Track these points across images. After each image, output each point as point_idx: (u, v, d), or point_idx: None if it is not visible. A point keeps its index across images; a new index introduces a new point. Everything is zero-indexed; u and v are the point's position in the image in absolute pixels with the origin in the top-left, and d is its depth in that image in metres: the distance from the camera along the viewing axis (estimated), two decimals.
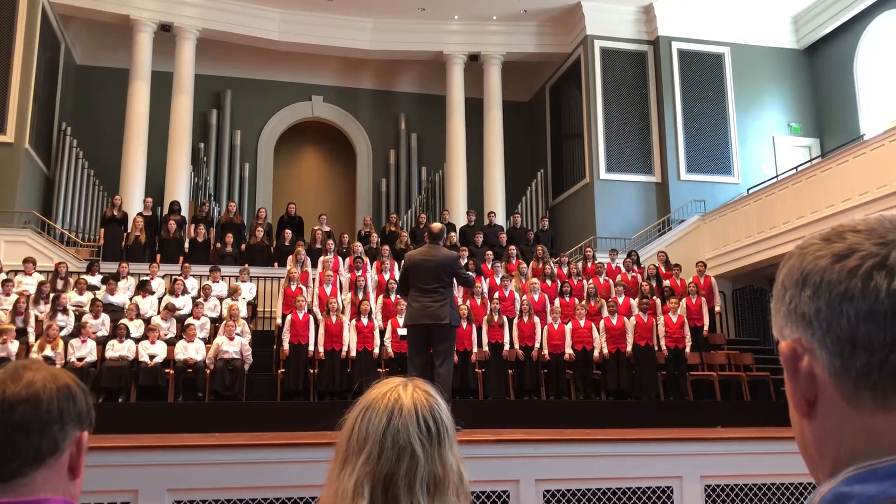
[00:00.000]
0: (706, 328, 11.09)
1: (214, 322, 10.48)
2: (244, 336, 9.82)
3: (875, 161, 10.32)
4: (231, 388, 9.28)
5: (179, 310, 10.59)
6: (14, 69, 13.06)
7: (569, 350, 10.25)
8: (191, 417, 8.24)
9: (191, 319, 10.14)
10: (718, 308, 11.78)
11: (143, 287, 10.82)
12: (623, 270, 12.13)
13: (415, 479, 1.15)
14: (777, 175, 14.11)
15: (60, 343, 9.17)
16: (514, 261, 12.22)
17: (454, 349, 6.29)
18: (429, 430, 1.18)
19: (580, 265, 12.36)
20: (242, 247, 12.80)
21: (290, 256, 11.80)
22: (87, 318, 9.75)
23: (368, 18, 15.87)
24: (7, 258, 11.34)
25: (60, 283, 10.75)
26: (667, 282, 11.72)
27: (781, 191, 12.16)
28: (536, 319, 10.40)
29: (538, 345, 10.25)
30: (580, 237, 14.81)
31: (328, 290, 10.60)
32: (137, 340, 9.59)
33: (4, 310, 9.82)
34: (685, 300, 11.07)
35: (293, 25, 15.60)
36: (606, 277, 11.82)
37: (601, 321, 10.53)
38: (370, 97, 17.63)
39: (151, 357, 9.36)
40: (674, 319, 10.53)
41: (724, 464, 4.99)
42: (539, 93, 17.91)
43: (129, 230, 12.56)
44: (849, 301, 0.66)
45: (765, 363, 10.96)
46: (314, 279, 11.18)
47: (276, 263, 12.37)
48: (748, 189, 14.17)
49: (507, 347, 10.21)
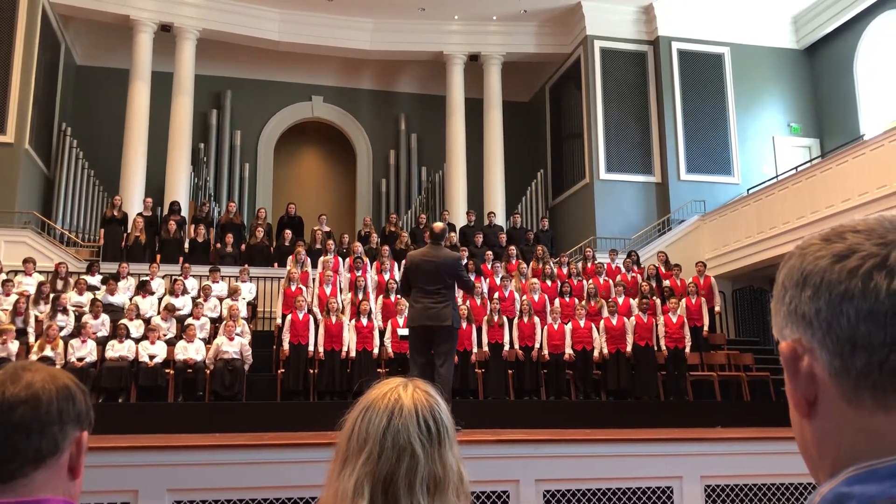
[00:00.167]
0: (706, 328, 11.09)
1: (214, 322, 10.48)
2: (244, 336, 9.82)
3: (875, 161, 10.32)
4: (231, 389, 9.28)
5: (179, 310, 10.59)
6: (14, 69, 13.06)
7: (569, 350, 10.25)
8: (191, 418, 8.24)
9: (191, 320, 10.14)
10: (718, 308, 11.78)
11: (143, 287, 10.82)
12: (623, 271, 12.14)
13: (415, 480, 1.15)
14: (777, 175, 14.11)
15: (60, 343, 9.17)
16: (514, 261, 12.22)
17: (455, 350, 6.30)
18: (429, 431, 1.18)
19: (580, 265, 12.36)
20: (242, 247, 12.80)
21: (290, 257, 11.80)
22: (87, 319, 9.75)
23: (368, 19, 15.87)
24: (7, 258, 11.34)
25: (60, 284, 10.75)
26: (667, 282, 11.73)
27: (781, 191, 12.16)
28: (536, 319, 10.40)
29: (538, 345, 10.25)
30: (580, 237, 14.81)
31: (328, 291, 10.60)
32: (137, 341, 9.59)
33: (4, 310, 9.82)
34: (685, 300, 11.07)
35: (293, 26, 15.60)
36: (606, 278, 11.82)
37: (601, 321, 10.53)
38: (370, 97, 17.63)
39: (151, 357, 9.36)
40: (674, 320, 10.53)
41: (724, 464, 4.99)
42: (539, 93, 17.91)
43: (129, 230, 12.56)
44: (849, 301, 0.66)
45: (765, 363, 10.96)
46: (314, 279, 11.19)
47: (276, 264, 12.37)
48: (748, 189, 14.17)
49: (507, 347, 10.21)
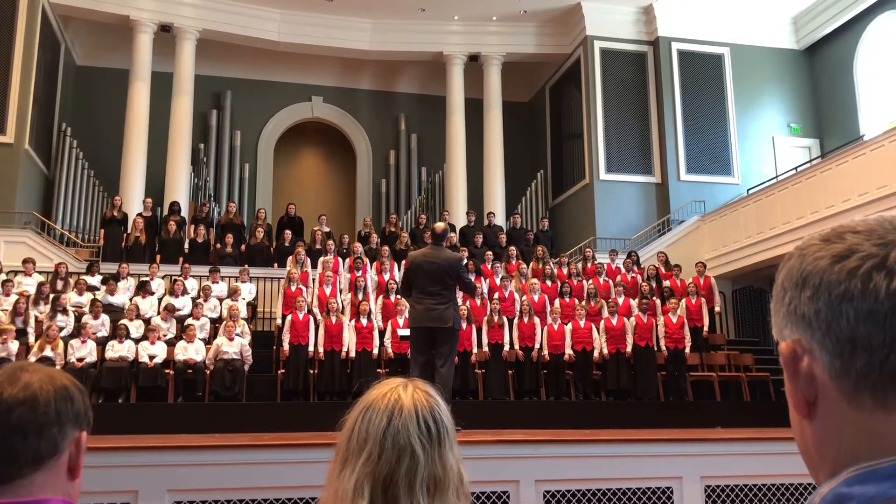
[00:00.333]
0: (706, 329, 11.09)
1: (214, 322, 10.48)
2: (244, 337, 9.82)
3: (875, 162, 10.32)
4: (231, 389, 9.28)
5: (179, 310, 10.59)
6: (14, 70, 13.06)
7: (569, 350, 10.25)
8: (191, 418, 8.24)
9: (191, 320, 10.14)
10: (718, 308, 11.78)
11: (143, 288, 10.82)
12: (623, 271, 12.14)
13: (415, 480, 1.15)
14: (777, 175, 14.10)
15: (60, 343, 9.17)
16: (514, 261, 12.22)
17: (456, 351, 6.30)
18: (429, 431, 1.18)
19: (580, 266, 12.36)
20: (242, 247, 12.80)
21: (290, 257, 11.81)
22: (87, 319, 9.75)
23: (368, 19, 15.87)
24: (7, 259, 11.34)
25: (60, 284, 10.75)
26: (667, 282, 11.72)
27: (781, 191, 12.16)
28: (536, 320, 10.40)
29: (538, 345, 10.25)
30: (580, 238, 14.81)
31: (328, 291, 10.60)
32: (137, 341, 9.59)
33: (4, 310, 9.82)
34: (685, 301, 11.07)
35: (293, 26, 15.60)
36: (606, 278, 11.83)
37: (601, 322, 10.53)
38: (370, 98, 17.63)
39: (151, 358, 9.36)
40: (674, 320, 10.53)
41: (724, 464, 4.99)
42: (539, 93, 17.91)
43: (129, 231, 12.56)
44: (848, 302, 0.66)
45: (764, 364, 10.96)
46: (314, 280, 11.19)
47: (276, 264, 12.37)
48: (748, 189, 14.17)
49: (507, 348, 10.21)
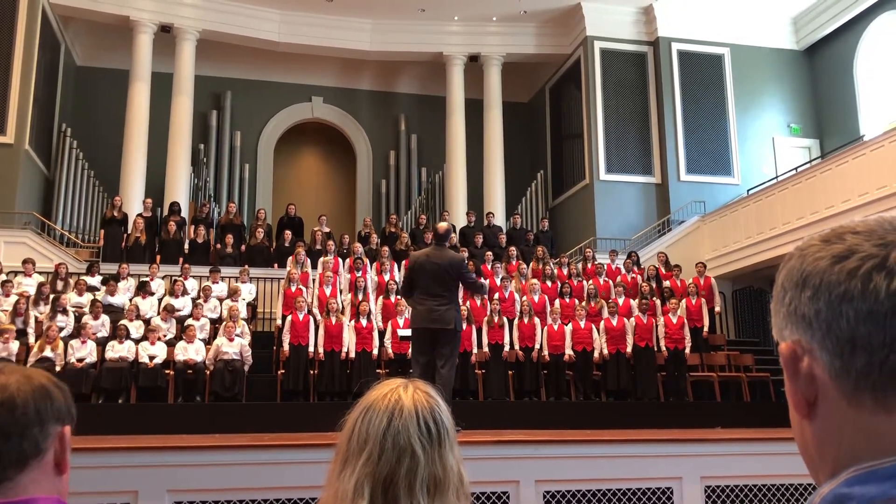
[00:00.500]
0: (706, 329, 11.09)
1: (214, 323, 10.48)
2: (244, 337, 9.82)
3: (875, 162, 10.32)
4: (231, 389, 9.28)
5: (179, 311, 10.59)
6: (14, 70, 13.06)
7: (569, 351, 10.25)
8: (191, 418, 8.24)
9: (190, 320, 10.14)
10: (718, 309, 11.78)
11: (143, 288, 10.82)
12: (623, 271, 12.14)
13: (415, 481, 1.15)
14: (777, 176, 14.11)
15: (60, 344, 9.17)
16: (514, 262, 12.22)
17: (457, 352, 6.28)
18: (429, 432, 1.18)
19: (580, 266, 12.36)
20: (242, 248, 12.80)
21: (290, 257, 11.80)
22: (87, 319, 9.75)
23: (368, 19, 15.87)
24: (7, 259, 11.34)
25: (60, 284, 10.75)
26: (667, 283, 11.73)
27: (781, 192, 12.16)
28: (536, 320, 10.40)
29: (538, 346, 10.25)
30: (580, 238, 14.81)
31: (328, 291, 10.60)
32: (137, 341, 9.59)
33: (4, 311, 9.82)
34: (685, 301, 11.07)
35: (293, 26, 15.60)
36: (606, 278, 11.83)
37: (601, 322, 10.53)
38: (370, 98, 17.63)
39: (151, 358, 9.36)
40: (674, 320, 10.53)
41: (724, 464, 4.99)
42: (539, 93, 17.91)
43: (130, 231, 12.56)
44: (848, 302, 0.66)
45: (765, 364, 10.96)
46: (314, 280, 11.19)
47: (276, 264, 12.37)
48: (748, 190, 14.17)
49: (507, 348, 10.21)
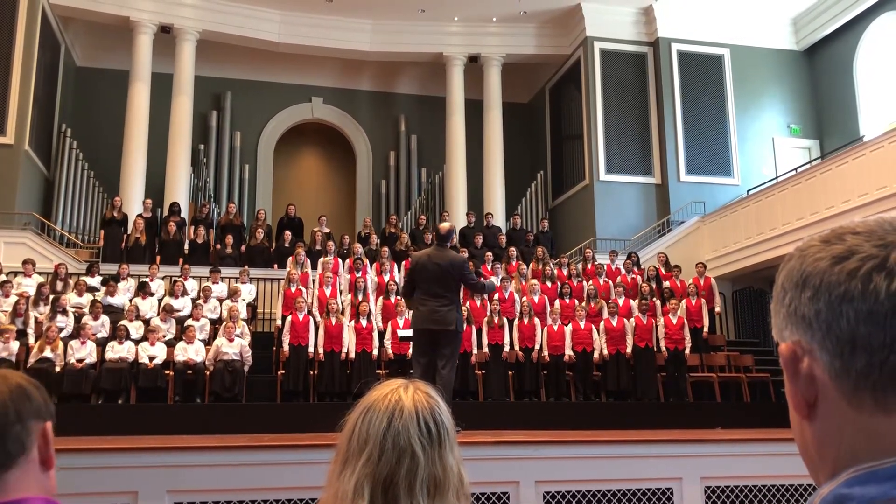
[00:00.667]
0: (706, 329, 11.09)
1: (214, 323, 10.48)
2: (244, 337, 9.82)
3: (874, 162, 10.32)
4: (231, 390, 9.28)
5: (179, 311, 10.59)
6: (14, 71, 13.06)
7: (569, 351, 10.25)
8: (190, 419, 8.24)
9: (190, 321, 10.14)
10: (718, 309, 11.78)
11: (143, 289, 10.82)
12: (623, 272, 12.14)
13: (415, 481, 1.15)
14: (777, 176, 14.11)
15: (60, 344, 9.17)
16: (514, 262, 12.22)
17: (458, 352, 6.27)
18: (429, 432, 1.18)
19: (580, 266, 12.36)
20: (242, 248, 12.80)
21: (290, 258, 11.80)
22: (87, 320, 9.75)
23: (368, 20, 15.88)
24: (7, 260, 11.34)
25: (60, 285, 10.74)
26: (667, 283, 11.72)
27: (781, 192, 12.16)
28: (536, 321, 10.40)
29: (538, 346, 10.25)
30: (580, 238, 14.81)
31: (328, 292, 10.60)
32: (137, 342, 9.58)
33: (4, 311, 9.82)
34: (685, 301, 11.07)
35: (293, 27, 15.60)
36: (606, 279, 11.83)
37: (601, 322, 10.53)
38: (370, 98, 17.64)
39: (151, 358, 9.36)
40: (674, 321, 10.53)
41: (724, 465, 4.99)
42: (539, 94, 17.91)
43: (129, 232, 12.56)
44: (848, 302, 0.66)
45: (765, 364, 10.96)
46: (314, 280, 11.19)
47: (276, 265, 12.37)
48: (748, 190, 14.17)
49: (507, 349, 10.21)
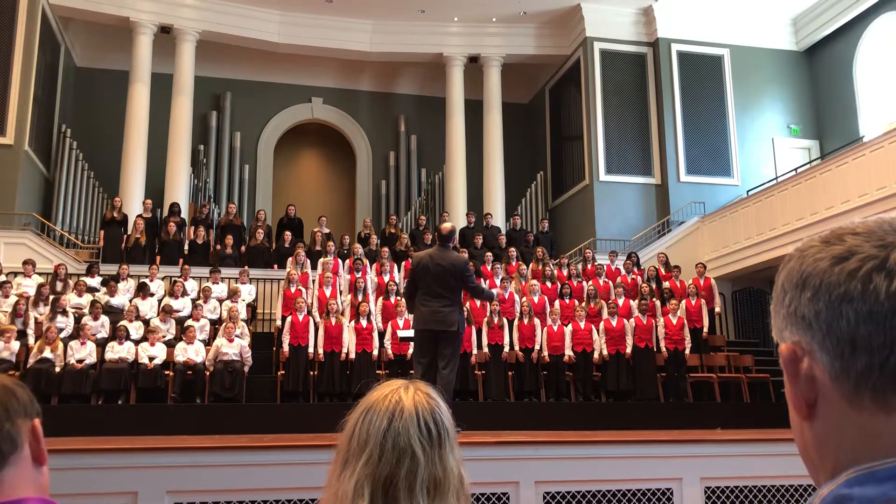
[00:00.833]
0: (706, 330, 11.09)
1: (214, 324, 10.48)
2: (243, 338, 9.82)
3: (874, 163, 10.32)
4: (231, 390, 9.28)
5: (178, 311, 10.59)
6: (14, 71, 13.06)
7: (569, 352, 10.25)
8: (190, 419, 8.24)
9: (190, 321, 10.14)
10: (718, 309, 11.78)
11: (143, 289, 10.82)
12: (623, 272, 12.14)
13: (415, 482, 1.15)
14: (777, 177, 14.11)
15: (60, 345, 9.16)
16: (514, 262, 12.22)
17: (459, 353, 6.26)
18: (429, 433, 1.18)
19: (580, 267, 12.36)
20: (242, 248, 12.80)
21: (290, 258, 11.80)
22: (87, 320, 9.74)
23: (368, 20, 15.88)
24: (7, 260, 11.34)
25: (60, 285, 10.75)
26: (666, 283, 11.72)
27: (781, 192, 12.16)
28: (536, 321, 10.40)
29: (538, 346, 10.25)
30: (580, 239, 14.81)
31: (328, 292, 10.60)
32: (137, 342, 9.58)
33: (4, 312, 9.82)
34: (685, 302, 11.07)
35: (293, 27, 15.61)
36: (606, 279, 11.83)
37: (601, 323, 10.53)
38: (370, 99, 17.64)
39: (151, 359, 9.36)
40: (673, 321, 10.53)
41: (724, 465, 4.99)
42: (539, 94, 17.92)
43: (129, 232, 12.56)
44: (849, 303, 0.66)
45: (765, 365, 10.96)
46: (314, 281, 11.19)
47: (276, 265, 12.38)
48: (748, 191, 14.18)
49: (507, 349, 10.21)
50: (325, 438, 4.48)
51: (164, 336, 9.90)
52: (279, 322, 10.44)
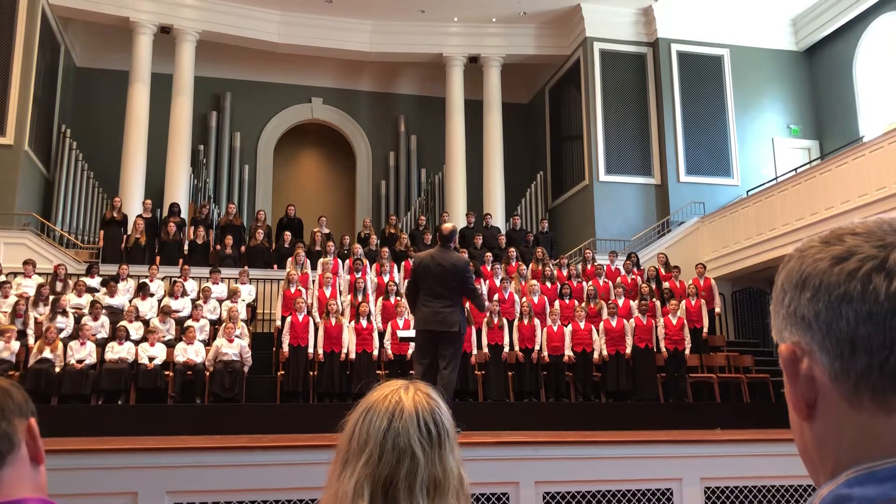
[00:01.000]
0: (706, 330, 11.09)
1: (214, 324, 10.47)
2: (243, 338, 9.82)
3: (874, 163, 10.32)
4: (230, 391, 9.28)
5: (178, 312, 10.59)
6: (14, 71, 13.06)
7: (568, 352, 10.25)
8: (190, 420, 8.24)
9: (190, 321, 10.14)
10: (718, 310, 11.79)
11: (143, 289, 10.82)
12: (623, 272, 12.14)
13: (415, 482, 1.15)
14: (776, 177, 14.11)
15: (60, 345, 9.16)
16: (514, 263, 12.22)
17: (460, 353, 6.25)
18: (429, 433, 1.18)
19: (580, 267, 12.36)
20: (242, 249, 12.80)
21: (290, 258, 11.80)
22: (87, 321, 9.74)
23: (368, 20, 15.88)
24: (7, 260, 11.34)
25: (59, 286, 10.74)
26: (666, 283, 11.73)
27: (781, 193, 12.16)
28: (536, 321, 10.40)
29: (538, 347, 10.25)
30: (580, 239, 14.81)
31: (328, 293, 10.61)
32: (137, 343, 9.58)
33: (4, 312, 9.82)
34: (685, 302, 11.07)
35: (293, 27, 15.61)
36: (606, 279, 11.83)
37: (601, 323, 10.53)
38: (370, 99, 17.64)
39: (151, 359, 9.36)
40: (673, 321, 10.53)
41: (724, 466, 4.99)
42: (538, 95, 17.92)
43: (129, 232, 12.56)
44: (848, 303, 0.66)
45: (764, 365, 10.96)
46: (314, 281, 11.19)
47: (276, 265, 12.38)
48: (748, 191, 14.18)
49: (507, 349, 10.21)
50: (325, 439, 4.48)
51: (164, 336, 9.90)
52: (279, 322, 10.44)
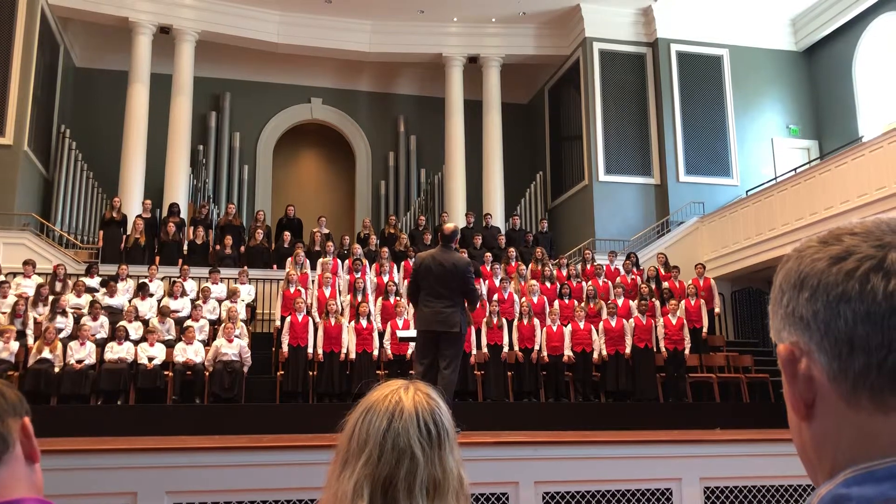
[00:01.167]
0: (705, 330, 11.10)
1: (213, 324, 10.47)
2: (243, 338, 9.81)
3: (873, 163, 10.33)
4: (230, 391, 9.28)
5: (177, 312, 10.58)
6: (13, 71, 13.06)
7: (568, 352, 10.25)
8: (190, 420, 8.24)
9: (189, 322, 10.14)
10: (718, 310, 11.79)
11: (142, 289, 10.82)
12: (622, 272, 12.14)
13: (414, 482, 1.15)
14: (776, 177, 14.12)
15: (59, 345, 9.16)
16: (514, 263, 12.22)
17: (461, 354, 6.25)
18: (429, 433, 1.18)
19: (579, 267, 12.37)
20: (241, 249, 12.80)
21: (289, 258, 11.80)
22: (86, 321, 9.74)
23: (367, 20, 15.88)
24: (6, 260, 11.34)
25: (59, 286, 10.74)
26: (666, 283, 11.73)
27: (780, 193, 12.17)
28: (536, 321, 10.40)
29: (537, 347, 10.25)
30: (579, 239, 14.81)
31: (327, 293, 10.61)
32: (136, 343, 9.58)
33: (3, 312, 9.81)
34: (684, 302, 11.08)
35: (292, 28, 15.60)
36: (605, 279, 11.83)
37: (600, 323, 10.54)
38: (369, 99, 17.64)
39: (150, 359, 9.35)
40: (673, 321, 10.54)
41: (724, 466, 4.99)
42: (538, 95, 17.92)
43: (129, 232, 12.56)
44: (846, 303, 0.66)
45: (764, 365, 10.97)
46: (313, 281, 11.19)
47: (276, 265, 12.38)
48: (747, 191, 14.18)
49: (507, 349, 10.21)
50: (325, 439, 4.48)
51: (164, 336, 9.90)
52: (278, 322, 10.44)
